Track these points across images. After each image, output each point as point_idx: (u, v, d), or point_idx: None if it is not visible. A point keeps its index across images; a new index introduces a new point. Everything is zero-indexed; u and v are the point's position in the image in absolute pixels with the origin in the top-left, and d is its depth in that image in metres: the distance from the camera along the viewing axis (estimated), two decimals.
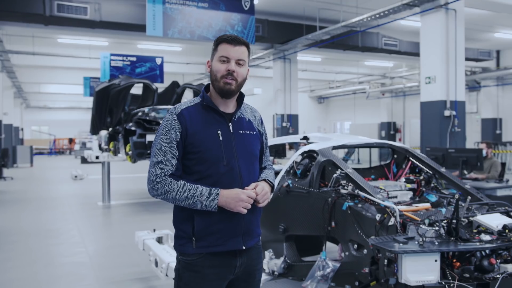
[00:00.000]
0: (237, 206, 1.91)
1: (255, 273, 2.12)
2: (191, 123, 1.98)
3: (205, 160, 1.96)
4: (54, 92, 26.61)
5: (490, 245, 2.72)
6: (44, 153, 29.85)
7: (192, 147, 1.97)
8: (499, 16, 12.17)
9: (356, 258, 3.35)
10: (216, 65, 2.01)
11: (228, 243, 1.98)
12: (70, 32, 11.51)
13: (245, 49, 2.04)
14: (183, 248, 2.01)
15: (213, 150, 1.97)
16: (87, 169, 16.11)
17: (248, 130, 2.10)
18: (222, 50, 2.01)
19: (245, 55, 2.04)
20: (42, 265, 5.35)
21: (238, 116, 2.10)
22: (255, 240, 2.11)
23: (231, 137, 2.02)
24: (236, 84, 2.01)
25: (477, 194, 3.67)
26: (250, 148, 2.08)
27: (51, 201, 10.19)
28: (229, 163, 1.98)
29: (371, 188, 3.42)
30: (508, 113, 17.75)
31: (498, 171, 7.20)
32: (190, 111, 2.02)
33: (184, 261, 2.01)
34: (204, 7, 8.16)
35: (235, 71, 1.99)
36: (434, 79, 8.77)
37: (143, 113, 9.37)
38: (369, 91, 22.69)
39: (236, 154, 2.01)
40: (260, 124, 2.21)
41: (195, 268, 1.98)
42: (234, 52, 1.99)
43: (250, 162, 2.06)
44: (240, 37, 2.05)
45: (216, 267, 1.99)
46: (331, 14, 11.85)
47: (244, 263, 2.05)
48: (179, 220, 2.04)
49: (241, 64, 2.02)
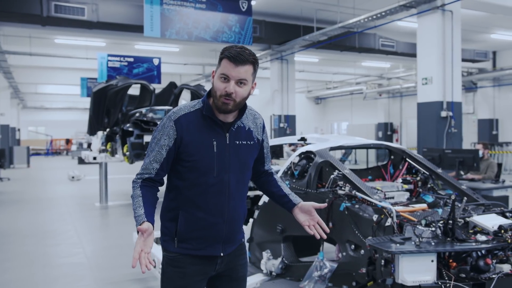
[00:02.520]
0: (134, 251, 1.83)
1: (237, 268, 2.15)
2: (187, 131, 1.96)
3: (196, 169, 1.97)
4: (51, 92, 26.54)
5: (486, 246, 2.75)
6: (41, 154, 29.76)
7: (186, 156, 1.96)
8: (495, 17, 12.23)
9: (354, 259, 3.37)
10: (216, 82, 1.93)
11: (208, 249, 2.03)
12: (67, 32, 11.50)
13: (250, 67, 1.91)
14: (166, 244, 2.06)
15: (206, 161, 1.96)
16: (84, 170, 16.07)
17: (245, 140, 2.06)
18: (223, 68, 1.90)
19: (248, 74, 1.91)
20: (40, 266, 5.34)
21: (238, 125, 2.05)
22: (236, 245, 2.13)
23: (225, 148, 2.00)
24: (234, 104, 1.92)
25: (473, 195, 3.70)
26: (244, 159, 2.06)
27: (48, 202, 10.17)
28: (219, 175, 1.98)
29: (368, 189, 3.44)
30: (505, 113, 17.82)
31: (495, 172, 7.24)
32: (188, 118, 1.98)
33: (167, 257, 2.06)
34: (201, 8, 8.17)
35: (234, 92, 1.89)
36: (431, 80, 8.80)
37: (140, 114, 9.39)
38: (366, 92, 22.74)
39: (228, 167, 2.00)
40: (261, 131, 2.16)
41: (177, 264, 2.03)
42: (235, 72, 1.88)
43: (241, 173, 2.06)
44: (246, 54, 1.88)
45: (197, 264, 2.04)
46: (328, 15, 11.88)
47: (225, 259, 2.09)
48: (164, 217, 2.09)
49: (242, 83, 1.91)
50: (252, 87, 1.99)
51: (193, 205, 2.00)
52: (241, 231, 2.18)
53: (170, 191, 2.08)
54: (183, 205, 2.02)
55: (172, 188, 2.06)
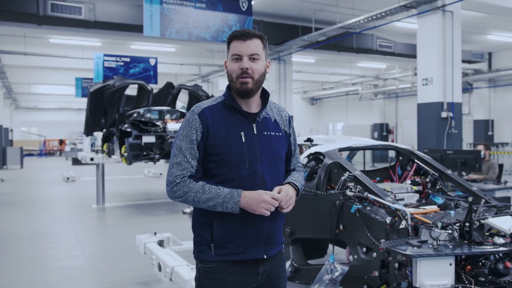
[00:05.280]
0: (260, 208, 1.79)
1: (279, 281, 2.02)
2: (212, 123, 1.88)
3: (227, 162, 1.87)
4: (45, 92, 26.31)
5: (504, 249, 2.69)
6: (34, 155, 29.48)
7: (213, 149, 1.87)
8: (492, 18, 12.26)
9: (365, 262, 3.31)
10: (230, 65, 1.91)
11: (249, 252, 1.89)
12: (64, 32, 11.35)
13: (258, 41, 1.90)
14: (202, 255, 1.93)
15: (235, 152, 1.86)
16: (78, 171, 15.91)
17: (273, 131, 1.98)
18: (233, 48, 1.89)
19: (258, 49, 1.89)
20: (38, 270, 5.22)
21: (263, 116, 1.98)
22: (278, 248, 2.01)
23: (254, 138, 1.91)
24: (253, 81, 1.88)
25: (484, 196, 3.65)
26: (275, 150, 1.97)
27: (44, 204, 10.02)
28: (251, 166, 1.88)
29: (381, 190, 3.38)
30: (500, 114, 17.90)
31: (496, 173, 7.22)
32: (212, 110, 1.91)
33: (204, 269, 1.92)
34: (201, 8, 8.08)
35: (249, 67, 1.86)
36: (431, 81, 8.79)
37: (138, 114, 9.28)
38: (361, 93, 22.77)
39: (260, 157, 1.90)
40: (288, 124, 2.08)
41: (216, 276, 1.89)
42: (245, 47, 1.87)
43: (274, 165, 1.96)
44: (251, 30, 1.91)
45: (237, 274, 1.90)
46: (326, 15, 11.84)
47: (267, 271, 1.96)
48: (197, 226, 1.96)
49: (255, 59, 1.88)
50: (267, 65, 1.95)
51: None
52: (281, 233, 2.05)
53: None
54: None
55: None
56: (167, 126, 8.61)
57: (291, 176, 2.04)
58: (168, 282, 3.72)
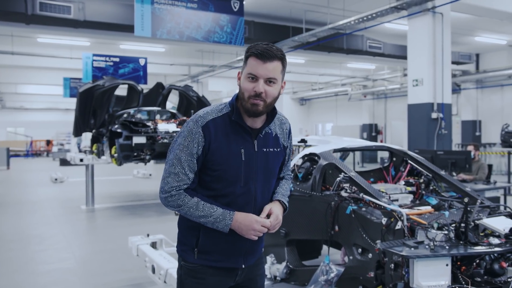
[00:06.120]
0: (249, 234, 1.86)
1: (256, 278, 2.10)
2: (215, 138, 1.84)
3: (224, 179, 1.87)
4: (32, 92, 25.97)
5: (500, 249, 2.71)
6: (20, 155, 29.07)
7: (212, 164, 1.86)
8: (480, 20, 12.40)
9: (361, 263, 3.32)
10: (244, 82, 1.82)
11: (229, 261, 1.97)
12: (52, 31, 11.19)
13: (278, 63, 1.80)
14: (184, 254, 1.99)
15: (233, 170, 1.87)
16: (66, 172, 15.73)
17: (272, 148, 1.98)
18: (250, 66, 1.80)
19: (277, 72, 1.80)
20: (27, 273, 5.13)
21: (265, 131, 1.95)
22: (256, 257, 2.08)
23: (254, 156, 1.91)
24: (265, 105, 1.82)
25: (477, 197, 3.68)
26: (271, 167, 1.99)
27: (32, 205, 9.87)
28: (246, 185, 1.90)
29: (376, 191, 3.39)
30: (487, 115, 18.12)
31: (486, 173, 7.30)
32: (216, 124, 1.86)
33: (186, 267, 1.99)
34: (193, 8, 8.03)
35: (264, 91, 1.79)
36: (421, 82, 8.85)
37: (128, 115, 9.20)
38: (351, 93, 22.86)
39: (255, 175, 1.92)
40: (287, 137, 2.07)
41: (197, 275, 1.96)
42: (264, 69, 1.77)
43: (267, 182, 1.98)
44: (273, 49, 1.78)
45: (217, 276, 1.97)
46: (317, 16, 11.87)
47: (245, 270, 2.03)
48: (184, 226, 2.01)
49: (272, 82, 1.80)
50: (282, 86, 1.87)
51: None
52: (263, 243, 2.11)
53: None
54: None
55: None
56: (157, 127, 8.55)
57: (280, 188, 2.09)
58: (162, 284, 3.68)
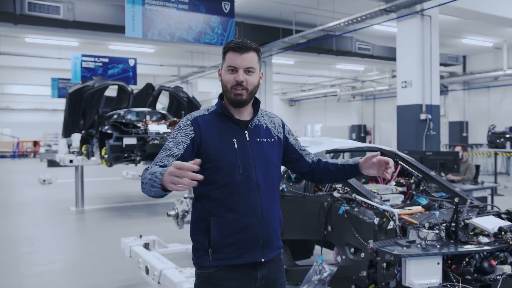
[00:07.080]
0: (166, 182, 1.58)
1: (277, 287, 2.04)
2: (205, 130, 1.93)
3: (221, 169, 1.90)
4: (18, 93, 25.68)
5: (489, 247, 2.78)
6: (6, 156, 28.71)
7: (207, 156, 1.90)
8: (466, 22, 12.59)
9: (354, 262, 3.36)
10: (225, 76, 1.95)
11: (246, 255, 1.91)
12: (41, 32, 11.10)
13: (254, 54, 1.94)
14: (200, 261, 1.95)
15: (228, 159, 1.90)
16: (54, 173, 15.55)
17: (265, 138, 2.02)
18: (229, 60, 1.93)
19: (254, 62, 1.94)
20: (17, 275, 5.09)
21: (255, 123, 2.04)
22: (275, 252, 2.03)
23: (247, 145, 1.96)
24: (247, 93, 1.94)
25: (467, 197, 3.75)
26: (268, 156, 2.01)
27: (20, 207, 9.77)
28: (245, 172, 1.92)
29: (368, 192, 3.44)
30: (474, 116, 18.39)
31: (473, 174, 7.43)
32: (205, 119, 1.97)
33: (202, 274, 1.94)
34: (184, 9, 8.03)
35: (244, 80, 1.91)
36: (410, 83, 8.96)
37: (118, 116, 9.15)
38: (340, 94, 23.03)
39: (253, 162, 1.94)
40: (282, 129, 2.13)
41: (214, 282, 1.91)
42: (241, 60, 1.91)
43: (267, 170, 1.99)
44: (247, 42, 1.94)
45: (235, 280, 1.91)
46: (307, 17, 11.93)
47: (265, 276, 1.98)
48: (195, 232, 1.97)
49: (251, 72, 1.93)
50: (260, 77, 2.00)
51: (224, 208, 1.90)
52: (279, 237, 2.06)
53: (197, 201, 1.99)
54: (213, 210, 1.91)
55: (199, 197, 1.97)
56: (148, 128, 8.52)
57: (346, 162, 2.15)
58: (156, 285, 3.68)
